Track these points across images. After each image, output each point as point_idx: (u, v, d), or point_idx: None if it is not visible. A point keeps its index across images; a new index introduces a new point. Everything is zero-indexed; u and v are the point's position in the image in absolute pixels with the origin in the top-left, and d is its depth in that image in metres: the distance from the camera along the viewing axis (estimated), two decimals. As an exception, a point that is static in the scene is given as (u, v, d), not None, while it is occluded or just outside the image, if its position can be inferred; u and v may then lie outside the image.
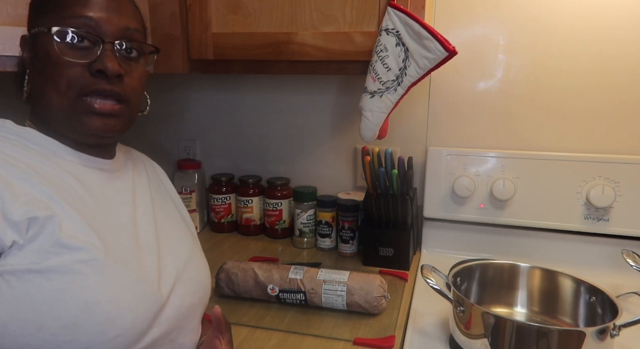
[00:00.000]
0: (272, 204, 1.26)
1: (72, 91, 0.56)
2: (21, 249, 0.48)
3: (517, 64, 1.09)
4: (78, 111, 0.57)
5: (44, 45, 0.57)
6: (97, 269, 0.51)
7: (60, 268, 0.49)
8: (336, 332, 0.82)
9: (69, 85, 0.56)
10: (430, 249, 1.17)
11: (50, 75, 0.57)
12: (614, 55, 1.03)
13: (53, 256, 0.49)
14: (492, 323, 0.68)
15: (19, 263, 0.48)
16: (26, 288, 0.48)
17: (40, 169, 0.54)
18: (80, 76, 0.57)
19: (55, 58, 0.56)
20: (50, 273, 0.49)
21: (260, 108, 1.33)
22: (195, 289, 0.65)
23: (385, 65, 0.88)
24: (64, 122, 0.58)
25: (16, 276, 0.47)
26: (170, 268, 0.63)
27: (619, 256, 1.01)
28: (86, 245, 0.51)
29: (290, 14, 0.92)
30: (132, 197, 0.65)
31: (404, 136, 1.21)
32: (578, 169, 1.04)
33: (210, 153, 1.40)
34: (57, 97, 0.57)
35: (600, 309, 0.75)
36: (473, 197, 1.10)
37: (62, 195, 0.53)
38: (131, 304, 0.53)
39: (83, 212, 0.54)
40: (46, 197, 0.52)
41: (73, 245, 0.50)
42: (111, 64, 0.57)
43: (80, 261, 0.50)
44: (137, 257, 0.58)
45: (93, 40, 0.57)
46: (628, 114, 1.05)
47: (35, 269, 0.48)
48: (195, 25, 0.97)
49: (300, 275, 0.88)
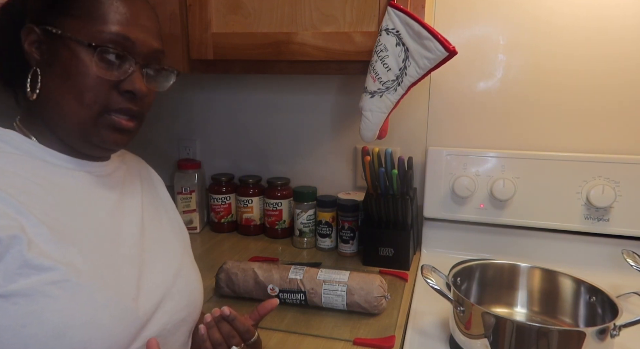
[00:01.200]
0: (272, 204, 1.26)
1: (97, 106, 0.56)
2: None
3: (517, 64, 1.09)
4: (100, 125, 0.57)
5: (71, 52, 0.55)
6: (69, 291, 0.48)
7: (28, 290, 0.45)
8: (336, 332, 0.82)
9: (95, 100, 0.55)
10: (430, 249, 1.17)
11: (75, 86, 0.55)
12: (614, 55, 1.03)
13: (20, 278, 0.45)
14: (492, 323, 0.68)
15: None
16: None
17: (13, 176, 0.51)
18: (108, 93, 0.56)
19: (85, 71, 0.54)
20: (17, 297, 0.45)
21: (260, 108, 1.33)
22: (185, 303, 0.63)
23: (385, 65, 0.88)
24: (78, 133, 0.57)
25: None
26: (158, 282, 0.60)
27: (619, 256, 1.01)
28: (57, 265, 0.48)
29: (290, 14, 0.92)
30: (119, 205, 0.62)
31: (404, 136, 1.21)
32: (578, 169, 1.04)
33: (210, 153, 1.40)
34: (78, 109, 0.55)
35: (600, 309, 0.75)
36: (473, 197, 1.10)
37: (34, 206, 0.50)
38: (107, 326, 0.50)
39: (57, 225, 0.51)
40: (14, 211, 0.48)
41: (42, 265, 0.47)
42: (140, 85, 0.57)
43: (51, 282, 0.47)
44: (115, 271, 0.54)
45: (126, 60, 0.57)
46: (628, 114, 1.05)
47: (0, 293, 0.44)
48: (195, 25, 0.97)
49: (300, 275, 0.88)
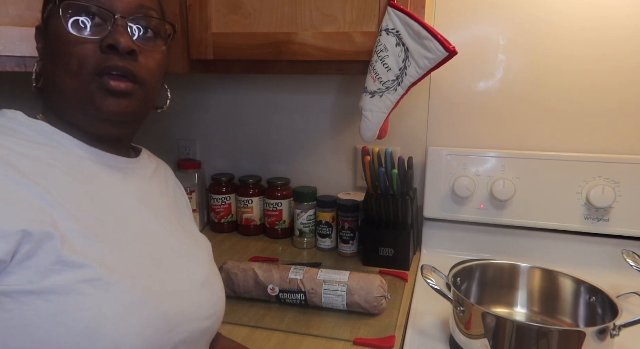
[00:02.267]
0: (272, 204, 1.26)
1: (85, 70, 0.53)
2: (19, 266, 0.43)
3: (517, 64, 1.09)
4: (91, 91, 0.54)
5: (54, 26, 0.54)
6: (101, 289, 0.46)
7: (61, 288, 0.44)
8: (336, 332, 0.82)
9: (80, 64, 0.53)
10: (430, 249, 1.17)
11: (61, 57, 0.54)
12: (614, 55, 1.03)
13: (53, 275, 0.44)
14: (492, 323, 0.68)
15: (16, 283, 0.43)
16: (22, 311, 0.43)
17: (48, 167, 0.50)
18: (92, 54, 0.53)
19: (64, 37, 0.53)
20: (50, 294, 0.44)
21: (260, 108, 1.33)
22: (211, 312, 0.61)
23: (385, 65, 0.88)
24: (77, 105, 0.55)
25: (12, 297, 0.43)
26: (187, 287, 0.57)
27: (619, 256, 1.01)
28: (89, 262, 0.47)
29: (290, 14, 0.92)
30: (147, 204, 0.60)
31: (404, 136, 1.21)
32: (578, 169, 1.04)
33: (210, 153, 1.40)
34: (69, 79, 0.54)
35: (600, 309, 0.75)
36: (473, 197, 1.10)
37: (67, 200, 0.49)
38: (137, 326, 0.48)
39: (88, 220, 0.50)
40: (47, 205, 0.47)
41: (75, 262, 0.46)
42: (123, 38, 0.53)
43: (83, 280, 0.46)
44: (144, 271, 0.53)
45: (104, 16, 0.54)
46: (628, 114, 1.05)
47: (33, 290, 0.43)
48: (195, 25, 0.97)
49: (300, 275, 0.88)
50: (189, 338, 0.56)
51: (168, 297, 0.54)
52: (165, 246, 0.58)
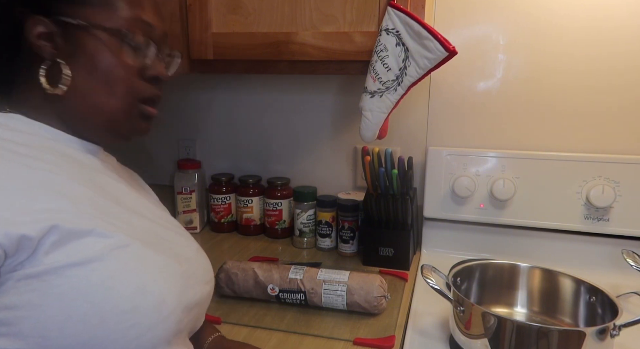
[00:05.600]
0: (272, 204, 1.26)
1: (130, 96, 0.56)
2: (54, 247, 0.45)
3: (517, 64, 1.09)
4: (132, 115, 0.57)
5: (98, 41, 0.54)
6: (133, 254, 0.50)
7: (100, 256, 0.47)
8: (336, 332, 0.82)
9: (127, 90, 0.55)
10: (430, 249, 1.17)
11: (104, 77, 0.54)
12: (614, 55, 1.03)
13: (89, 247, 0.47)
14: (492, 323, 0.68)
15: (57, 260, 0.45)
16: (72, 284, 0.45)
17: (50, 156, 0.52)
18: (136, 80, 0.56)
19: (113, 61, 0.54)
20: (92, 263, 0.46)
21: (260, 108, 1.33)
22: (209, 277, 0.65)
23: (385, 65, 0.88)
24: (108, 124, 0.57)
25: (58, 273, 0.45)
26: (189, 254, 0.62)
27: (619, 256, 1.01)
28: (115, 232, 0.50)
29: (290, 14, 0.92)
30: (135, 187, 0.63)
31: (404, 136, 1.21)
32: (578, 169, 1.04)
33: (210, 153, 1.40)
34: (110, 100, 0.55)
35: (600, 309, 0.75)
36: (473, 197, 1.10)
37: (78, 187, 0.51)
38: (170, 284, 0.53)
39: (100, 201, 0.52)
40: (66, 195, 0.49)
41: (104, 233, 0.49)
42: (163, 69, 0.57)
43: (117, 247, 0.49)
44: (158, 240, 0.57)
45: (146, 44, 0.56)
46: (628, 114, 1.05)
47: (75, 262, 0.46)
48: (195, 25, 0.97)
49: (300, 275, 0.88)
50: (199, 300, 0.60)
51: (183, 261, 0.58)
52: (159, 223, 0.62)
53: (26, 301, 0.44)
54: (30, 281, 0.44)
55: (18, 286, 0.44)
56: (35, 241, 0.44)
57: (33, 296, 0.44)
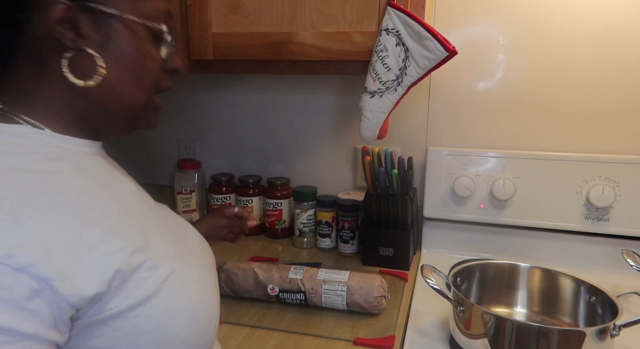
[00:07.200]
0: (272, 204, 1.26)
1: (152, 88, 0.55)
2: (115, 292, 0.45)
3: (517, 64, 1.09)
4: (148, 107, 0.56)
5: (132, 33, 0.51)
6: (180, 281, 0.51)
7: (155, 292, 0.48)
8: (336, 332, 0.82)
9: (152, 82, 0.54)
10: (430, 249, 1.17)
11: (136, 69, 0.52)
12: (614, 55, 1.03)
13: (144, 282, 0.47)
14: (492, 323, 0.68)
15: (118, 304, 0.45)
16: (134, 325, 0.46)
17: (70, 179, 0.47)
18: (160, 73, 0.55)
19: (145, 53, 0.53)
20: (150, 300, 0.47)
21: (260, 108, 1.33)
22: (213, 261, 0.66)
23: (385, 65, 0.88)
24: (126, 117, 0.55)
25: (121, 317, 0.45)
26: (201, 244, 0.63)
27: (619, 256, 1.01)
28: (158, 260, 0.49)
29: (290, 13, 0.92)
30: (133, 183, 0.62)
31: (404, 136, 1.21)
32: (578, 169, 1.04)
33: (210, 153, 1.40)
34: (137, 92, 0.53)
35: (600, 309, 0.75)
36: (473, 197, 1.10)
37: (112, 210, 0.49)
38: (212, 299, 0.55)
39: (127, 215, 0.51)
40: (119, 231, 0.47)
41: (153, 265, 0.48)
42: (179, 62, 0.57)
43: (165, 277, 0.49)
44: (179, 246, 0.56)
45: (173, 37, 0.55)
46: (628, 114, 1.05)
47: (135, 304, 0.46)
48: (195, 25, 0.97)
49: (300, 275, 0.88)
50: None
51: (204, 260, 0.60)
52: (167, 219, 0.61)
53: (94, 345, 0.45)
54: (97, 327, 0.45)
55: (84, 333, 0.45)
56: (104, 293, 0.44)
57: (101, 341, 0.45)
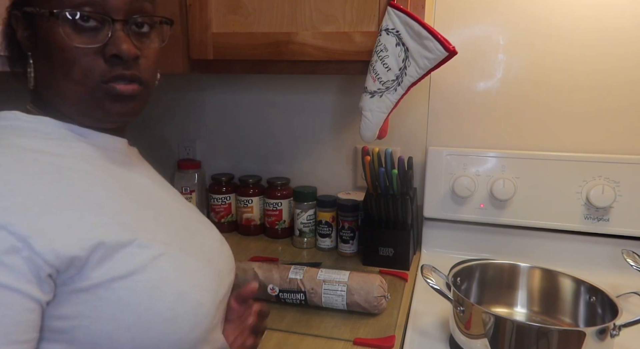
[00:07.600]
0: (272, 204, 1.25)
1: (90, 80, 0.52)
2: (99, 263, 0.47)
3: (517, 64, 1.09)
4: (98, 97, 0.53)
5: (46, 28, 0.52)
6: (171, 262, 0.52)
7: (142, 267, 0.49)
8: (336, 332, 0.82)
9: (85, 74, 0.52)
10: (430, 249, 1.17)
11: (61, 64, 0.52)
12: (614, 55, 1.03)
13: (132, 258, 0.49)
14: (492, 323, 0.68)
15: (103, 274, 0.47)
16: (118, 295, 0.48)
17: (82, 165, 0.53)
18: (95, 63, 0.52)
19: (62, 45, 0.51)
20: (135, 275, 0.49)
21: (260, 108, 1.33)
22: (232, 266, 0.66)
23: (385, 65, 0.88)
24: (82, 110, 0.55)
25: (104, 286, 0.47)
26: (216, 245, 0.64)
27: (619, 256, 1.01)
28: (151, 242, 0.52)
29: (290, 13, 0.92)
30: (155, 180, 0.64)
31: (404, 136, 1.21)
32: (578, 169, 1.04)
33: (210, 153, 1.40)
34: (73, 86, 0.53)
35: (600, 309, 0.75)
36: (473, 197, 1.10)
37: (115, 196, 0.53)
38: (206, 287, 0.55)
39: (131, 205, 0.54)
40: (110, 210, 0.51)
41: (144, 244, 0.51)
42: (126, 46, 0.52)
43: (155, 256, 0.51)
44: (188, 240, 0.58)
45: (101, 20, 0.52)
46: (628, 114, 1.05)
47: (120, 276, 0.48)
48: (195, 25, 0.97)
49: (300, 275, 0.88)
50: (227, 292, 0.63)
51: (214, 257, 0.61)
52: (184, 217, 0.63)
53: (78, 312, 0.47)
54: (81, 294, 0.47)
55: (70, 299, 0.47)
56: (84, 259, 0.46)
57: (84, 307, 0.47)
